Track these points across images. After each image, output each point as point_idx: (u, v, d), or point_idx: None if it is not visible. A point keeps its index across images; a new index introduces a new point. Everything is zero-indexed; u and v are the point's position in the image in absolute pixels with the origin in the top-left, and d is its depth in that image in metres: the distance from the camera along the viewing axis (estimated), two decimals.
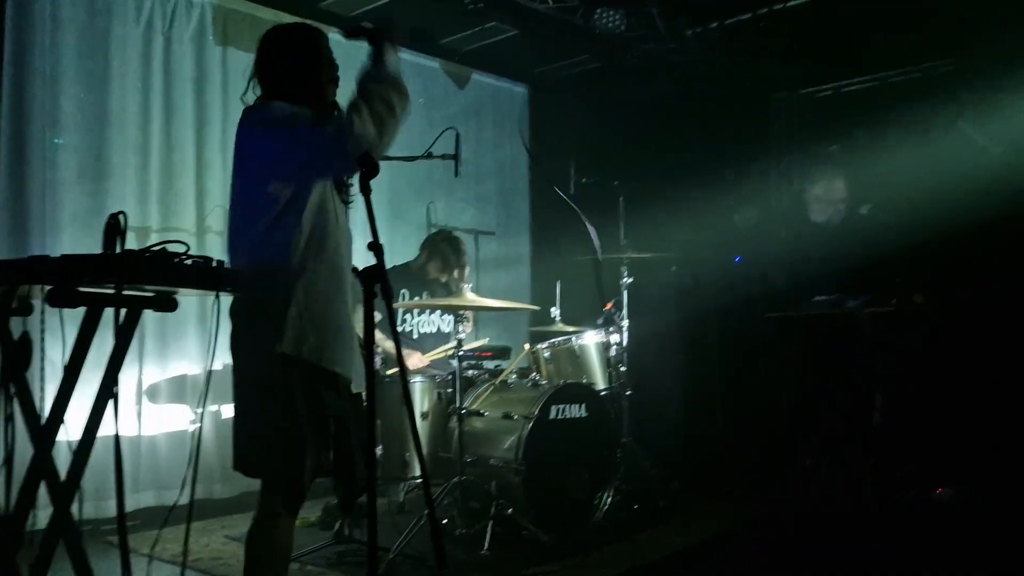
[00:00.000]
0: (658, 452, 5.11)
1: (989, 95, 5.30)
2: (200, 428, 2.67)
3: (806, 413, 5.00)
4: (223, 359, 2.49)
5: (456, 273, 4.80)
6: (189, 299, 4.56)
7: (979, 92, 5.31)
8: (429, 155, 3.93)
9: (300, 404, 2.34)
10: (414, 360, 4.65)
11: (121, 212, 2.14)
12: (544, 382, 4.46)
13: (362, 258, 2.27)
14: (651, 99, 6.47)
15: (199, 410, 4.45)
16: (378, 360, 4.52)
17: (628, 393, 4.79)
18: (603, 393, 4.60)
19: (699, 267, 6.19)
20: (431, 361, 4.73)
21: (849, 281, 4.49)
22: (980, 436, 4.99)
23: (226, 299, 2.41)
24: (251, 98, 2.64)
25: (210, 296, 2.30)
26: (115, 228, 2.10)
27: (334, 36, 2.75)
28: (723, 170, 6.42)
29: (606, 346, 4.76)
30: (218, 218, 4.94)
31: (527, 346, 4.87)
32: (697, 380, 6.11)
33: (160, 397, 4.65)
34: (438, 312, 4.90)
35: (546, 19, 5.56)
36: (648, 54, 6.18)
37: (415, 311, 4.88)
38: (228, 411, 4.85)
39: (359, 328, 2.50)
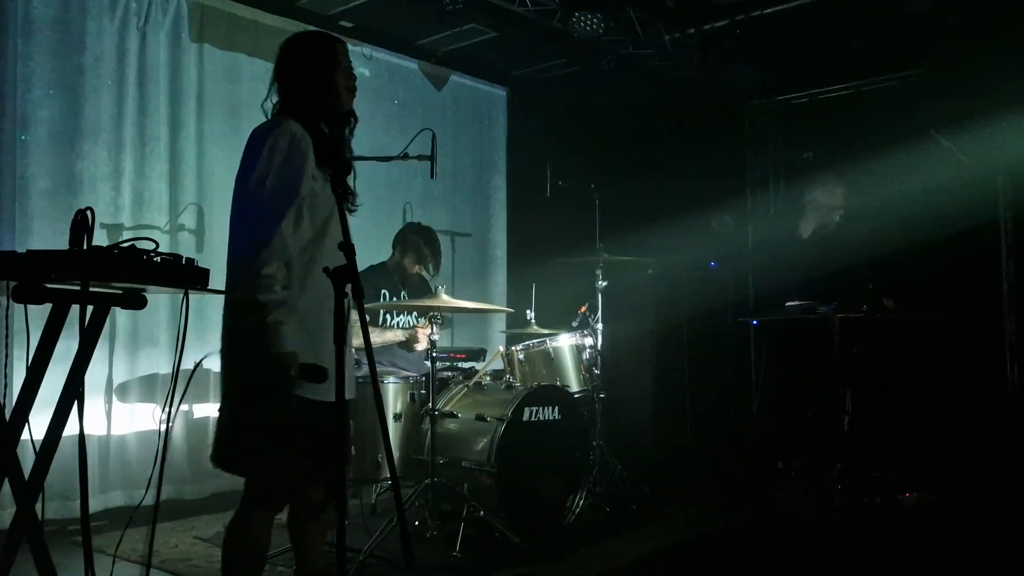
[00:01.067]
0: (630, 456, 5.13)
1: (959, 104, 5.37)
2: (169, 428, 2.63)
3: (776, 418, 5.04)
4: (193, 358, 2.47)
5: (432, 263, 4.80)
6: (161, 297, 4.53)
7: (949, 101, 5.38)
8: (405, 156, 3.91)
9: (292, 404, 2.38)
10: (422, 343, 4.58)
11: (89, 208, 2.11)
12: (518, 384, 4.46)
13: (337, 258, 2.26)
14: (628, 104, 6.50)
15: (167, 409, 4.41)
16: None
17: (601, 396, 4.81)
18: (577, 396, 4.60)
19: (674, 271, 6.23)
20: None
21: (821, 287, 4.52)
22: (947, 441, 5.06)
23: (219, 298, 2.41)
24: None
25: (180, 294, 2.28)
26: (83, 224, 2.07)
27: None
28: (699, 175, 6.47)
29: (580, 349, 4.77)
30: (191, 216, 4.91)
31: (501, 348, 4.87)
32: (669, 384, 6.15)
33: (130, 396, 4.60)
34: (415, 314, 4.89)
35: (524, 22, 5.57)
36: (625, 59, 6.21)
37: (392, 313, 4.86)
38: (198, 411, 4.82)
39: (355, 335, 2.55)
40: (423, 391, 4.22)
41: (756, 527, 4.42)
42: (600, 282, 4.95)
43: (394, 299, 4.75)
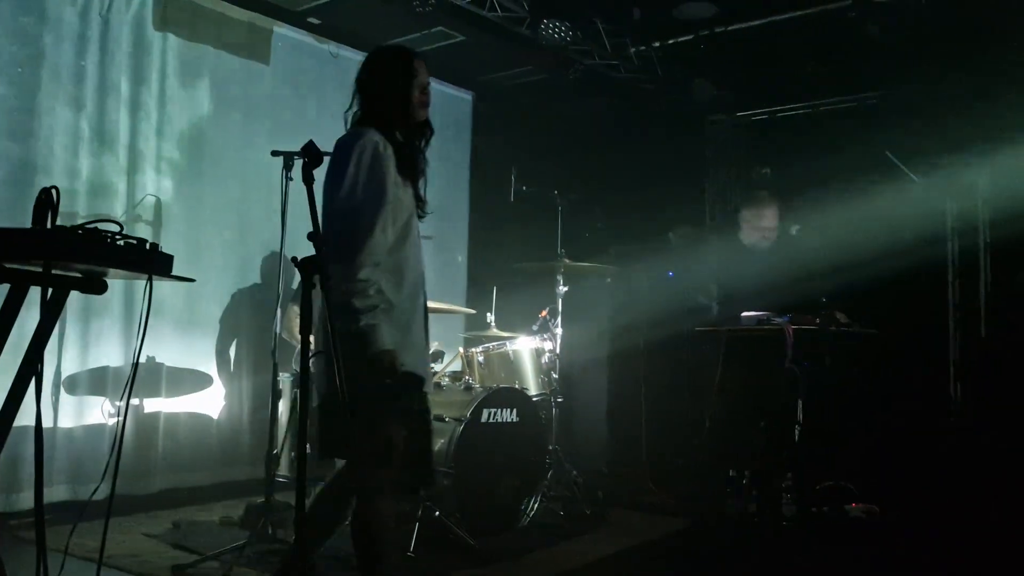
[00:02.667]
0: (585, 460, 5.16)
1: (912, 127, 5.53)
2: (123, 421, 2.55)
3: (730, 427, 5.11)
4: (146, 351, 2.43)
5: None
6: (114, 289, 4.44)
7: (903, 124, 5.54)
8: None
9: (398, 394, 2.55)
10: None
11: (54, 187, 2.06)
12: (477, 386, 4.47)
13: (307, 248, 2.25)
14: (593, 113, 6.57)
15: (120, 403, 4.33)
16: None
17: (559, 400, 4.83)
18: (535, 399, 4.62)
19: (633, 279, 6.29)
20: None
21: (776, 299, 4.61)
22: (893, 454, 5.18)
23: (172, 293, 2.37)
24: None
25: (138, 283, 2.24)
26: (47, 203, 2.03)
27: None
28: (660, 186, 6.56)
29: (539, 353, 4.80)
30: (149, 208, 4.82)
31: (461, 349, 4.87)
32: (625, 391, 6.19)
33: (79, 389, 4.50)
34: None
35: (493, 27, 5.60)
36: (592, 69, 6.28)
37: None
38: (149, 405, 4.73)
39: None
40: None
41: (705, 534, 4.47)
42: (561, 287, 4.98)
43: None
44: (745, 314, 4.58)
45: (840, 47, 5.84)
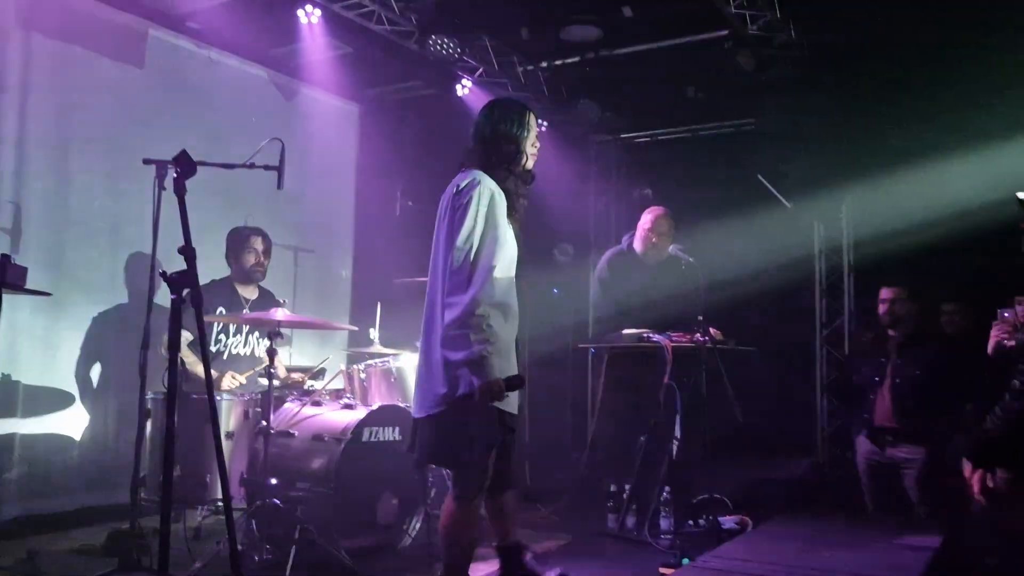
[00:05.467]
0: None
1: (783, 153, 5.82)
2: None
3: (610, 441, 5.20)
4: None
5: (254, 256, 4.73)
6: None
7: (774, 149, 5.82)
8: (251, 165, 3.79)
9: (499, 416, 2.91)
10: (226, 379, 4.45)
11: None
12: (358, 404, 4.38)
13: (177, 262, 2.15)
14: None
15: None
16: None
17: None
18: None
19: (518, 296, 6.33)
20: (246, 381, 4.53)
21: (655, 316, 4.73)
22: (769, 468, 5.40)
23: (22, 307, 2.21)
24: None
25: None
26: None
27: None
28: (546, 204, 6.64)
29: None
30: (7, 215, 4.53)
31: (343, 366, 4.77)
32: None
33: None
34: (256, 333, 4.72)
35: (380, 40, 5.55)
36: (480, 86, 6.32)
37: (230, 331, 4.67)
38: (4, 426, 4.43)
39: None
40: (258, 408, 4.06)
41: (584, 548, 4.52)
42: None
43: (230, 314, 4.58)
44: (625, 331, 4.68)
45: (718, 75, 6.09)
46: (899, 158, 5.43)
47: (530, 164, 3.16)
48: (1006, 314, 3.11)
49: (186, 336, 4.16)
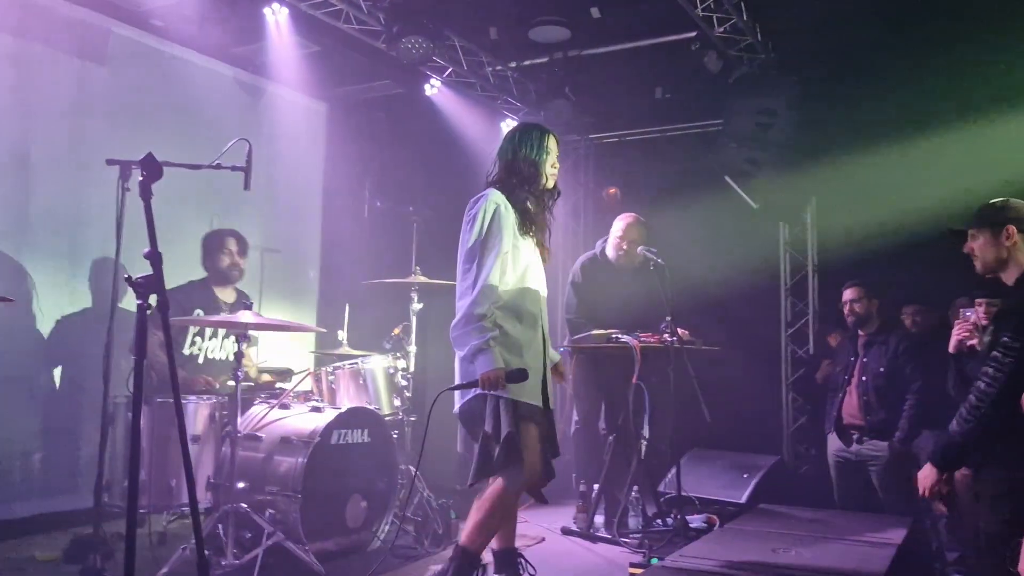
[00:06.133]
0: (438, 478, 5.12)
1: (749, 154, 5.87)
2: None
3: (580, 441, 5.22)
4: None
5: (230, 257, 4.69)
6: None
7: (741, 150, 5.87)
8: (218, 166, 3.74)
9: (522, 410, 3.17)
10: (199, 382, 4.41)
11: None
12: (326, 406, 4.35)
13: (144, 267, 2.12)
14: (450, 130, 6.58)
15: None
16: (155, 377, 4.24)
17: (412, 419, 4.78)
18: (387, 418, 4.55)
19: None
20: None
21: (625, 318, 4.76)
22: (738, 465, 5.44)
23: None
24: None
25: None
26: None
27: None
28: None
29: (392, 371, 4.72)
30: None
31: (311, 368, 4.73)
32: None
33: None
34: (232, 338, 4.67)
35: (349, 39, 5.51)
36: (449, 86, 6.31)
37: (206, 335, 4.62)
38: None
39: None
40: (224, 411, 4.02)
41: (553, 547, 4.53)
42: (415, 304, 4.93)
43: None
44: (594, 332, 4.70)
45: (685, 76, 6.13)
46: (863, 159, 5.52)
47: (550, 184, 3.40)
48: (968, 313, 3.18)
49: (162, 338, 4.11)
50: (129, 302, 2.74)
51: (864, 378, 4.81)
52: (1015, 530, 2.65)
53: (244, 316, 3.89)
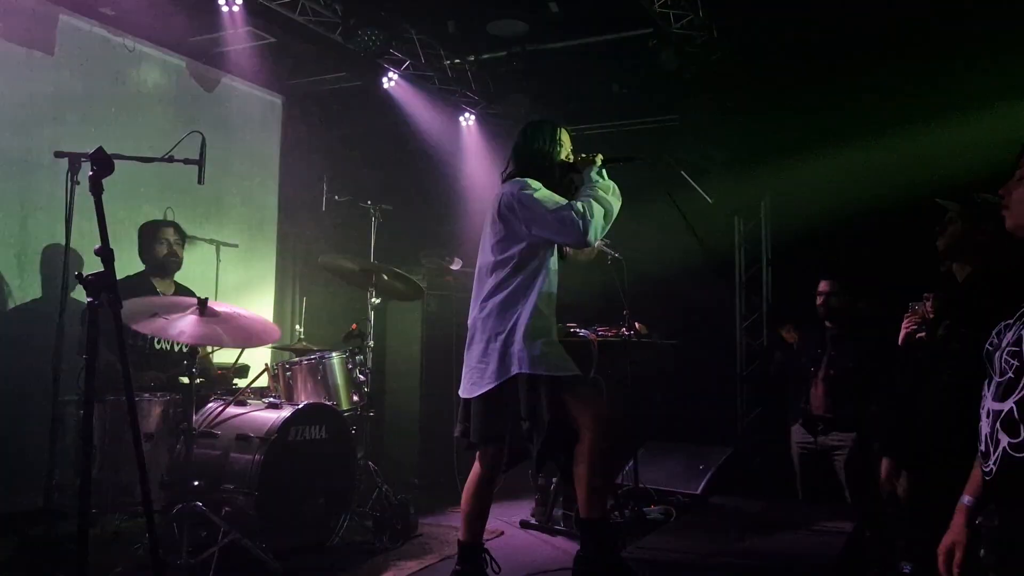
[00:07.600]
0: (397, 474, 5.12)
1: (704, 149, 5.94)
2: None
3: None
4: None
5: (167, 247, 4.60)
6: None
7: (696, 145, 5.94)
8: (171, 159, 3.68)
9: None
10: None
11: None
12: (283, 402, 4.31)
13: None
14: (407, 124, 6.55)
15: None
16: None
17: (371, 414, 4.76)
18: (345, 414, 4.52)
19: (444, 291, 6.32)
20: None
21: (583, 312, 4.79)
22: (694, 457, 5.52)
23: None
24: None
25: None
26: None
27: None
28: (473, 199, 6.64)
29: (350, 366, 4.69)
30: None
31: (267, 363, 4.69)
32: (436, 403, 6.20)
33: None
34: None
35: (304, 31, 5.45)
36: (407, 79, 6.27)
37: None
38: None
39: None
40: (179, 408, 3.96)
41: (511, 541, 4.55)
42: (373, 299, 4.91)
43: None
44: None
45: (642, 72, 6.18)
46: (817, 153, 5.61)
47: (565, 174, 3.47)
48: (916, 306, 3.26)
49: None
50: (80, 292, 2.69)
51: (832, 372, 4.77)
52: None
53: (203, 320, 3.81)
